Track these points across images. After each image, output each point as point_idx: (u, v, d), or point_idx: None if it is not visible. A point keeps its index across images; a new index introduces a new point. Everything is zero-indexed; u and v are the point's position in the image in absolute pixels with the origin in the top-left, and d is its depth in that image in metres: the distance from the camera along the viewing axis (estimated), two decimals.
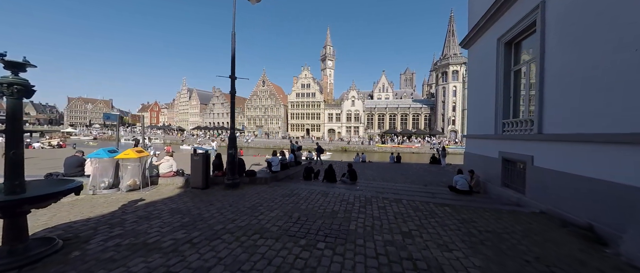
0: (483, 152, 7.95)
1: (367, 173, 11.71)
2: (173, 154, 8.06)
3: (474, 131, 8.80)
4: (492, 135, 7.26)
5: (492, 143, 7.37)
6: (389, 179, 10.15)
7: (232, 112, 6.37)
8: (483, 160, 7.89)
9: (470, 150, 9.24)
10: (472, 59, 9.18)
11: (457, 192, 7.10)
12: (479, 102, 8.41)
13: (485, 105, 7.76)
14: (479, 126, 8.35)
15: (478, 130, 8.41)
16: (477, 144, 8.57)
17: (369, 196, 5.80)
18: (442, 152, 15.62)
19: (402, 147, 42.99)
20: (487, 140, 7.70)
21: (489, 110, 7.52)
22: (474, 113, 8.94)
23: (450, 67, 51.49)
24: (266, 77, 62.74)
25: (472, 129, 9.01)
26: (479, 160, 8.16)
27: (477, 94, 8.53)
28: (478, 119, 8.44)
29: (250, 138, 50.47)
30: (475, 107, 8.83)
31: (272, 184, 6.89)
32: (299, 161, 9.67)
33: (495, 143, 7.14)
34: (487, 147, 7.69)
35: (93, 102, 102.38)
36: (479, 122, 8.38)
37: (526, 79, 6.22)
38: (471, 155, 9.02)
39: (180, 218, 4.06)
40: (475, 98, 8.85)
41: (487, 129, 7.63)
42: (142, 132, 9.42)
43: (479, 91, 8.42)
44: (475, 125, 8.70)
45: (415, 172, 12.78)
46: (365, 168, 13.49)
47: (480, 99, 8.23)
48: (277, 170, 7.61)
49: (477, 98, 8.53)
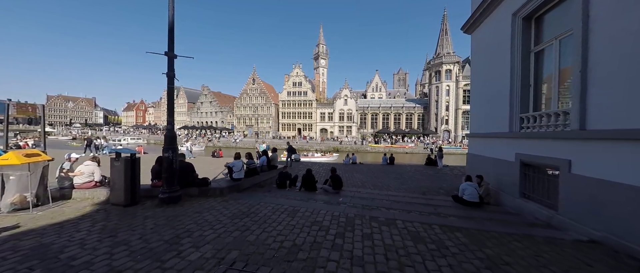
0: (492, 153, 6.58)
1: (356, 178, 10.23)
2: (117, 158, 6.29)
3: (480, 129, 7.44)
4: (506, 133, 5.89)
5: (505, 143, 6.00)
6: (381, 185, 8.70)
7: (170, 99, 4.73)
8: (492, 164, 6.52)
9: (474, 151, 7.88)
10: (478, 44, 7.81)
11: (464, 203, 5.70)
12: (486, 95, 7.04)
13: (496, 98, 6.39)
14: (486, 122, 6.99)
15: (485, 127, 7.04)
16: (484, 144, 7.21)
17: (353, 215, 4.30)
18: (439, 152, 14.33)
19: (395, 147, 41.93)
20: (499, 140, 6.33)
21: (500, 103, 6.15)
22: (479, 108, 7.58)
23: (443, 66, 50.85)
24: (256, 75, 60.69)
25: (478, 126, 7.65)
26: (487, 163, 6.80)
27: (485, 85, 7.17)
28: (485, 114, 7.08)
29: (239, 138, 48.40)
30: (481, 101, 7.47)
31: (229, 197, 5.29)
32: (275, 165, 8.11)
33: (511, 143, 5.76)
34: (498, 148, 6.32)
35: (74, 100, 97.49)
36: (486, 118, 7.02)
37: (553, 61, 4.85)
38: (476, 158, 7.66)
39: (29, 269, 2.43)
40: (481, 90, 7.49)
41: (498, 125, 6.26)
42: (42, 126, 7.39)
43: (486, 81, 7.06)
44: (482, 122, 7.34)
45: (411, 175, 11.40)
46: (354, 172, 12.02)
47: (489, 91, 6.87)
48: (239, 177, 6.02)
49: (485, 90, 7.17)
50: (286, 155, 14.24)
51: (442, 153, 14.40)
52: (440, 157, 14.17)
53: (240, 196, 5.45)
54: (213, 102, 66.21)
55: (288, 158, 13.45)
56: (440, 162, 14.10)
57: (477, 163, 7.59)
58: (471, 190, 5.66)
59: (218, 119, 65.31)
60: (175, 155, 4.66)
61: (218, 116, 65.43)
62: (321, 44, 71.60)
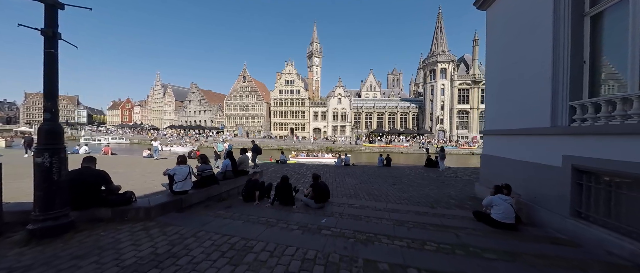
0: (521, 155, 5.08)
1: (348, 184, 8.62)
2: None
3: (500, 124, 5.95)
4: (545, 128, 4.39)
5: (544, 142, 4.50)
6: (378, 194, 7.11)
7: (51, 71, 2.97)
8: (521, 169, 5.03)
9: (491, 151, 6.39)
10: (497, 19, 6.32)
11: (493, 225, 4.16)
12: (510, 81, 5.55)
13: (528, 83, 4.90)
14: (511, 116, 5.50)
15: (509, 121, 5.55)
16: (506, 143, 5.72)
17: (337, 256, 2.69)
18: (441, 153, 12.89)
19: (390, 147, 40.69)
20: (533, 138, 4.83)
21: (535, 89, 4.66)
22: (501, 96, 6.09)
23: (438, 64, 50.00)
24: (247, 72, 58.50)
25: (497, 121, 6.17)
26: (512, 167, 5.31)
27: (509, 69, 5.67)
28: (511, 103, 5.58)
29: (227, 138, 46.15)
30: (502, 89, 5.98)
31: (157, 221, 3.59)
32: (245, 170, 6.40)
33: (554, 141, 4.26)
34: (531, 148, 4.82)
35: None
36: (510, 110, 5.53)
37: (630, 22, 3.35)
38: (494, 160, 6.17)
39: None
40: (502, 76, 6.00)
41: (530, 118, 4.77)
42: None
43: (512, 65, 5.56)
44: (503, 115, 5.85)
45: (411, 180, 9.88)
46: (346, 175, 10.42)
47: (515, 75, 5.37)
48: (183, 189, 4.31)
49: (508, 75, 5.67)
50: (252, 157, 11.67)
51: (444, 154, 12.99)
52: (442, 157, 12.74)
53: (176, 219, 3.75)
54: (202, 101, 63.60)
55: (253, 161, 11.48)
56: (441, 164, 12.67)
57: (496, 167, 6.11)
58: (506, 207, 4.12)
59: (207, 117, 62.77)
60: (58, 159, 2.92)
61: (207, 115, 62.87)
62: (315, 42, 69.86)
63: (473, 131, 48.79)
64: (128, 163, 11.94)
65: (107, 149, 16.76)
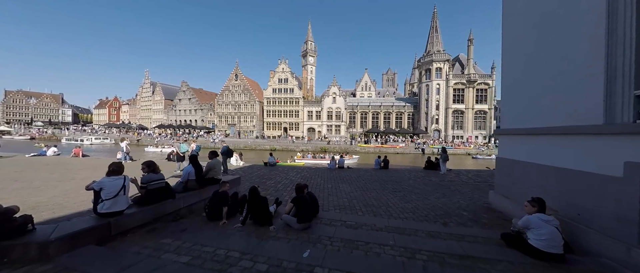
0: (559, 160, 4.06)
1: (341, 191, 7.51)
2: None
3: (525, 121, 4.94)
4: (598, 126, 3.37)
5: (596, 145, 3.47)
6: (377, 205, 6.01)
7: None
8: (559, 177, 4.02)
9: (512, 154, 5.38)
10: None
11: (532, 254, 3.11)
12: (544, 65, 4.53)
13: (570, 67, 3.88)
14: (542, 110, 4.48)
15: (539, 118, 4.54)
16: (536, 145, 4.70)
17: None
18: (443, 155, 11.91)
19: (386, 147, 39.87)
20: (579, 139, 3.80)
21: (580, 74, 3.65)
22: (525, 88, 5.06)
23: (434, 63, 49.56)
24: (239, 70, 56.83)
25: (519, 118, 5.15)
26: (545, 175, 4.30)
27: (540, 50, 4.65)
28: (540, 96, 4.56)
29: (217, 138, 44.52)
30: (530, 77, 4.95)
31: (60, 261, 2.40)
32: (216, 178, 5.18)
33: (612, 144, 3.24)
34: (576, 152, 3.79)
35: (38, 96, 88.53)
36: (542, 103, 4.50)
37: None
38: (517, 166, 5.16)
39: None
40: (530, 60, 4.98)
41: (573, 113, 3.76)
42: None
43: (545, 44, 4.54)
44: (530, 110, 4.83)
45: (412, 185, 8.84)
46: (340, 180, 9.32)
47: (551, 58, 4.35)
48: (113, 210, 3.11)
49: (538, 58, 4.65)
50: (223, 162, 9.86)
51: (447, 155, 12.00)
52: (444, 159, 11.76)
53: (88, 257, 2.56)
54: (192, 99, 61.58)
55: (223, 165, 9.93)
56: (443, 166, 11.70)
57: (517, 173, 5.10)
58: (550, 231, 3.08)
59: (198, 117, 60.80)
60: None
61: (198, 114, 60.90)
62: (309, 41, 68.54)
63: (468, 131, 48.52)
64: (91, 166, 10.55)
65: (78, 150, 15.20)
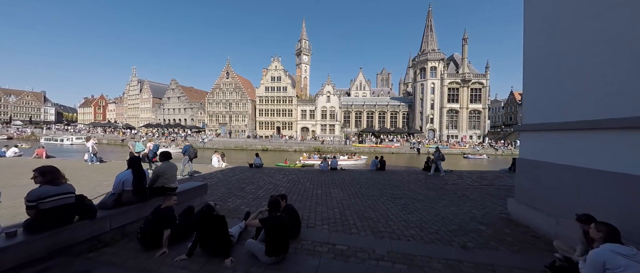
0: (620, 164, 3.04)
1: (332, 198, 6.38)
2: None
3: (562, 114, 3.91)
4: None
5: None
6: (375, 218, 4.90)
7: None
8: (619, 186, 2.99)
9: (542, 155, 4.35)
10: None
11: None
12: (592, 39, 3.50)
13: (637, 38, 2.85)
14: (594, 99, 3.45)
15: (583, 109, 3.51)
16: (578, 144, 3.67)
17: None
18: (436, 153, 10.75)
19: (381, 147, 39.01)
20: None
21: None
22: (566, 66, 4.02)
23: (428, 63, 49.11)
24: (231, 68, 55.08)
25: (553, 110, 4.13)
26: (594, 183, 3.27)
27: (583, 20, 3.62)
28: (585, 80, 3.53)
29: (206, 138, 42.76)
30: (571, 56, 3.92)
31: None
32: (168, 187, 3.94)
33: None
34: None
35: (18, 94, 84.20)
36: (593, 90, 3.48)
37: None
38: (549, 170, 4.14)
39: None
40: (562, 38, 3.96)
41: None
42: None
43: (594, 12, 3.51)
44: (570, 99, 3.81)
45: (414, 189, 7.79)
46: (332, 185, 8.19)
47: (604, 29, 3.33)
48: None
49: (581, 29, 3.63)
50: (183, 166, 8.74)
51: (440, 153, 10.80)
52: (438, 158, 10.62)
53: None
54: (181, 98, 59.44)
55: (184, 166, 8.77)
56: (439, 165, 10.64)
57: (549, 179, 4.08)
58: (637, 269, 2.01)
59: (187, 116, 58.71)
60: None
61: (187, 113, 58.81)
62: (304, 39, 67.14)
63: (462, 131, 48.25)
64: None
65: (41, 151, 13.60)
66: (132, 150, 9.35)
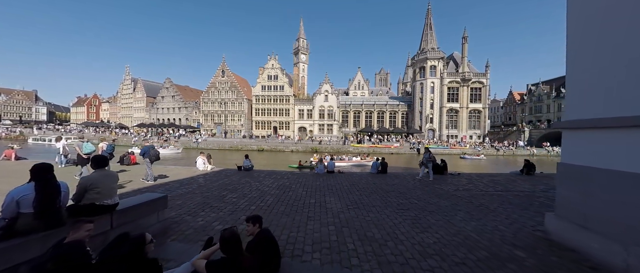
0: None
1: (327, 210, 5.33)
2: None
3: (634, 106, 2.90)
4: None
5: None
6: (381, 240, 3.87)
7: None
8: None
9: (597, 161, 3.34)
10: None
11: None
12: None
13: None
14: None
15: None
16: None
17: None
18: (426, 154, 9.52)
19: (380, 147, 38.04)
20: None
21: None
22: (622, 53, 3.02)
23: (428, 61, 48.24)
24: (226, 66, 53.82)
25: (619, 101, 3.12)
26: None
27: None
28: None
29: (200, 138, 41.52)
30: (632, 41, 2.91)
31: None
32: (98, 204, 2.90)
33: None
34: None
35: (8, 92, 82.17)
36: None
37: None
38: (610, 179, 3.13)
39: None
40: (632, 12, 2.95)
41: None
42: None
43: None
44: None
45: (422, 198, 6.77)
46: (328, 192, 7.14)
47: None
48: None
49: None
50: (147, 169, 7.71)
51: (431, 155, 9.60)
52: (427, 160, 9.49)
53: None
54: (176, 97, 58.07)
55: (148, 172, 7.68)
56: (430, 168, 9.54)
57: (605, 191, 3.08)
58: None
59: (182, 115, 57.35)
60: None
61: (182, 112, 57.45)
62: (301, 38, 66.01)
63: (462, 131, 47.45)
64: (7, 173, 8.01)
65: (10, 152, 12.39)
66: (80, 152, 8.00)
